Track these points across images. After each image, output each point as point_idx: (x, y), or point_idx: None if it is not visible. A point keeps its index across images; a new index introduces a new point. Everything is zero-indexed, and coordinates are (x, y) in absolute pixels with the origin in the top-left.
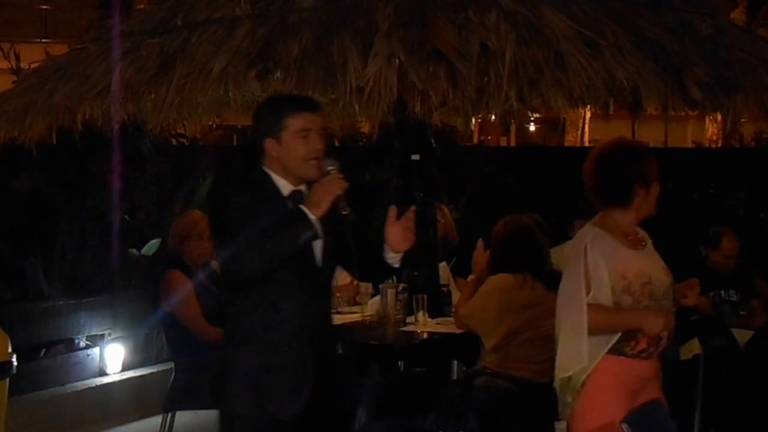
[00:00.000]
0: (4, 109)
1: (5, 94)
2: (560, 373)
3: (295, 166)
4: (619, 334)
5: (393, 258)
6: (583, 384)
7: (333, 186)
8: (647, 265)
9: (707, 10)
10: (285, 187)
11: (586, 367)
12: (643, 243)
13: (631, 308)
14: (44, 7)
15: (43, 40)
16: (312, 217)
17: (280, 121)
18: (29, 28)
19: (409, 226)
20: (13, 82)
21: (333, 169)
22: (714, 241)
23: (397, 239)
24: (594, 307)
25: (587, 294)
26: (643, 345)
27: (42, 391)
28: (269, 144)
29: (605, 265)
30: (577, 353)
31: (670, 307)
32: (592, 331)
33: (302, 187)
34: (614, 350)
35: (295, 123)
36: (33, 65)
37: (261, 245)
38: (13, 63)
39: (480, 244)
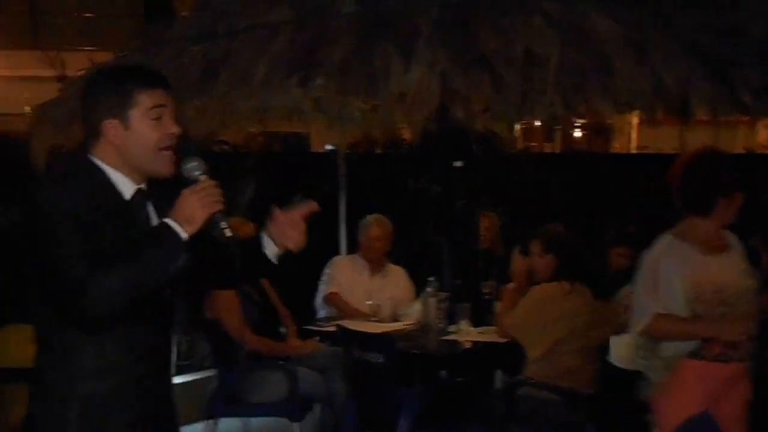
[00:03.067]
0: (49, 116)
1: (51, 102)
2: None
3: (144, 156)
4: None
5: (273, 252)
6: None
7: (211, 196)
8: (722, 272)
9: (758, 12)
10: (124, 185)
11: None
12: (726, 249)
13: (705, 317)
14: (89, 15)
15: (87, 48)
16: (184, 236)
17: (130, 96)
18: (74, 36)
19: (298, 223)
20: (59, 89)
21: (201, 174)
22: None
23: (281, 235)
24: (664, 318)
25: (659, 304)
26: (719, 349)
27: None
28: (109, 126)
29: (679, 275)
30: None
31: (751, 311)
32: (665, 340)
33: (143, 185)
34: (693, 354)
35: (147, 100)
36: (78, 73)
37: (117, 274)
38: (59, 71)
39: (517, 252)
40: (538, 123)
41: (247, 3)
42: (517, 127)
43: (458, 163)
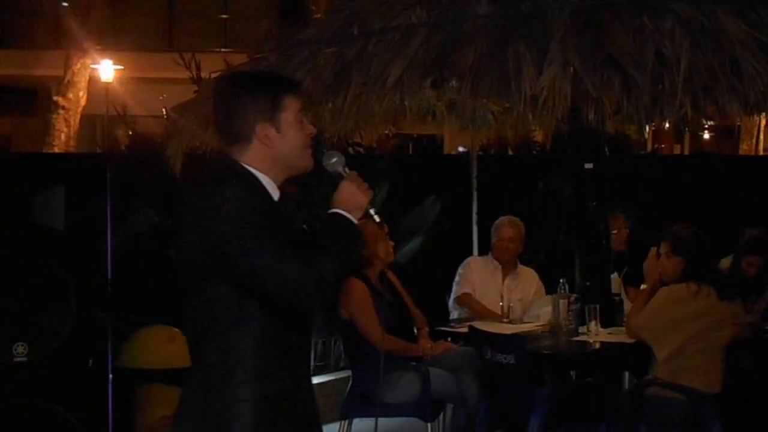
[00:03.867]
0: (185, 119)
1: (187, 104)
2: None
3: (294, 155)
4: None
5: None
6: None
7: (363, 185)
8: None
9: None
10: (271, 187)
11: None
12: None
13: None
14: (224, 16)
15: (222, 50)
16: (355, 222)
17: (279, 100)
18: (209, 37)
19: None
20: (195, 91)
21: (344, 167)
22: None
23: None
24: None
25: None
26: None
27: None
28: (263, 130)
29: None
30: None
31: None
32: None
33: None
34: None
35: (293, 104)
36: (213, 75)
37: (321, 264)
38: (194, 73)
39: (653, 252)
40: (667, 125)
41: (381, 5)
42: (647, 128)
43: (589, 165)
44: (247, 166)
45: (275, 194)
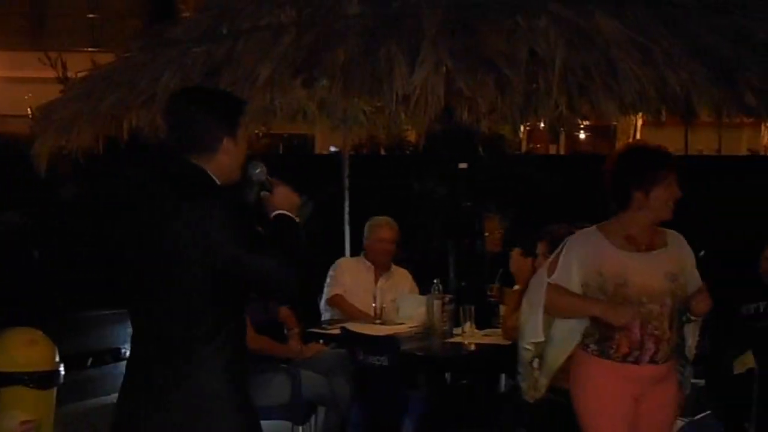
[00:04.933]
0: (51, 118)
1: (53, 104)
2: (521, 341)
3: (237, 167)
4: (586, 324)
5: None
6: (574, 379)
7: (290, 192)
8: (633, 268)
9: (763, 15)
10: None
11: (557, 352)
12: (655, 247)
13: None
14: (91, 16)
15: (89, 49)
16: (297, 220)
17: (239, 118)
18: (76, 37)
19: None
20: (61, 91)
21: (268, 175)
22: None
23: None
24: (554, 288)
25: (549, 276)
26: (624, 349)
27: (88, 400)
28: (228, 143)
29: (577, 258)
30: (534, 327)
31: (664, 313)
32: (552, 310)
33: None
34: (600, 353)
35: (244, 120)
36: (80, 74)
37: (290, 258)
38: (61, 72)
39: (516, 253)
40: (542, 124)
41: (250, 4)
42: (522, 128)
43: (463, 165)
44: (209, 173)
45: None
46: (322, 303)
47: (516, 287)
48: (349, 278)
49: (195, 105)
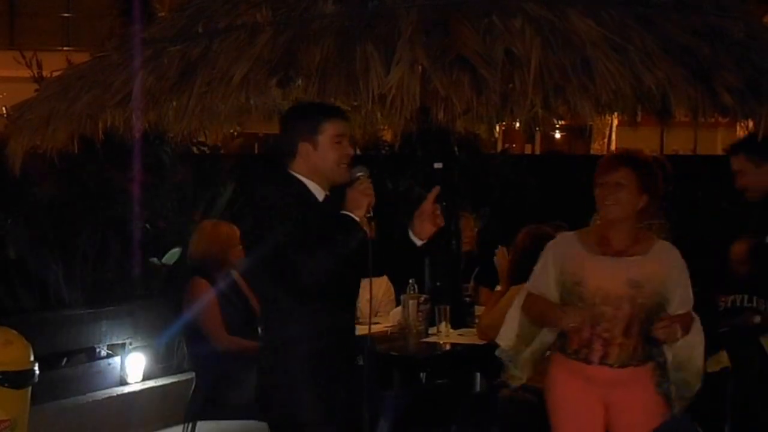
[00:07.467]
0: (26, 117)
1: (27, 103)
2: (499, 342)
3: (329, 169)
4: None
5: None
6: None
7: (368, 190)
8: (591, 270)
9: (739, 14)
10: (317, 191)
11: (524, 351)
12: (625, 253)
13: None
14: (66, 15)
15: (64, 48)
16: (356, 219)
17: (318, 125)
18: (51, 36)
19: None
20: (35, 90)
21: (362, 175)
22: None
23: (423, 224)
24: (529, 296)
25: (532, 284)
26: (574, 344)
27: (63, 400)
28: (304, 147)
29: (552, 259)
30: (510, 330)
31: (618, 317)
32: (530, 318)
33: (328, 192)
34: (560, 347)
35: (331, 128)
36: (55, 73)
37: (319, 252)
38: (35, 71)
39: (501, 250)
40: (518, 124)
41: (226, 3)
42: (498, 128)
43: (439, 165)
44: (294, 173)
45: (319, 195)
46: None
47: (498, 288)
48: None
49: (287, 116)
